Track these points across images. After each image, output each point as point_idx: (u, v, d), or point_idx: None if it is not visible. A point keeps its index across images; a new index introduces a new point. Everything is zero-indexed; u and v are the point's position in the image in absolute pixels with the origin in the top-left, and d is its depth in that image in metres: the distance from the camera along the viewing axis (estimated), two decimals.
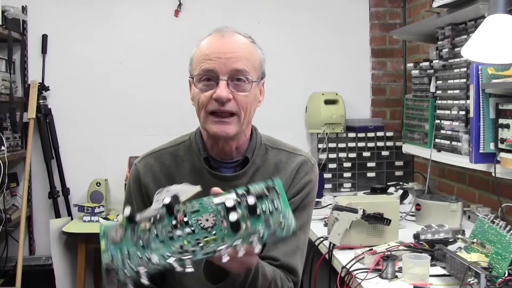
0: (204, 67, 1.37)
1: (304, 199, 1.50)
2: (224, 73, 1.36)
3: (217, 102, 1.36)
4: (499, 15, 1.92)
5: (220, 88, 1.35)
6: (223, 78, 1.35)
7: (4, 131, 3.13)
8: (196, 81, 1.39)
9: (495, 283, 1.61)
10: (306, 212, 1.52)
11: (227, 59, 1.36)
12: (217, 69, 1.36)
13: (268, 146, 1.52)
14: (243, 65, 1.37)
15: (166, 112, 3.57)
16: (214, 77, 1.36)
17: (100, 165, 3.53)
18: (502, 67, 2.09)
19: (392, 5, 3.76)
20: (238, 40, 1.40)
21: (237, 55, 1.37)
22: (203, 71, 1.37)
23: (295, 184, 1.49)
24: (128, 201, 1.51)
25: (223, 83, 1.35)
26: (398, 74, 3.78)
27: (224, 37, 1.39)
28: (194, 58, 1.42)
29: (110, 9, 3.56)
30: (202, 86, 1.38)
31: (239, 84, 1.37)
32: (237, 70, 1.36)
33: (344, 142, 3.49)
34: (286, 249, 1.45)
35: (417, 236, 2.03)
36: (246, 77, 1.38)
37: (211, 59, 1.36)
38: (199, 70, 1.38)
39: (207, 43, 1.40)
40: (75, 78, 3.53)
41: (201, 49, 1.40)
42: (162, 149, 1.53)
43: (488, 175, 2.34)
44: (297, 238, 1.49)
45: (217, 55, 1.36)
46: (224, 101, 1.35)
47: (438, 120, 2.64)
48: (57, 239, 3.27)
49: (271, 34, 3.55)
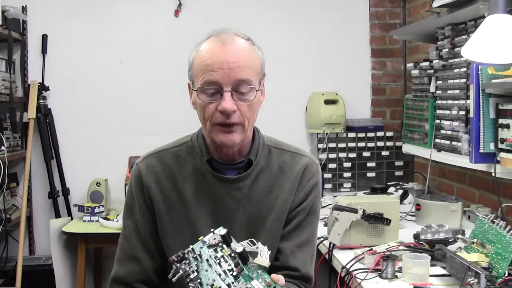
0: (207, 78, 1.34)
1: (313, 204, 1.51)
2: (228, 84, 1.34)
3: (222, 114, 1.34)
4: (499, 15, 1.92)
5: (225, 100, 1.33)
6: (227, 89, 1.34)
7: (4, 131, 3.13)
8: (199, 92, 1.37)
9: (495, 283, 1.61)
10: (316, 216, 1.53)
11: (230, 70, 1.33)
12: (221, 81, 1.34)
13: (271, 146, 1.52)
14: (246, 74, 1.35)
15: (166, 112, 3.57)
16: (217, 89, 1.35)
17: (100, 165, 3.53)
18: (502, 67, 2.09)
19: (392, 5, 3.76)
20: (239, 47, 1.38)
21: (240, 64, 1.35)
22: (206, 83, 1.35)
23: (302, 188, 1.49)
24: (130, 200, 1.50)
25: (228, 94, 1.34)
26: (398, 74, 3.78)
27: (225, 45, 1.36)
28: (195, 65, 1.39)
29: (110, 9, 3.56)
30: (205, 98, 1.36)
31: (243, 94, 1.36)
32: (241, 80, 1.35)
33: (344, 142, 3.49)
34: (304, 259, 1.47)
35: (417, 236, 2.03)
36: (250, 87, 1.36)
37: (214, 70, 1.34)
38: (202, 82, 1.35)
39: (208, 51, 1.37)
40: (75, 78, 3.53)
41: (201, 57, 1.37)
42: (164, 149, 1.52)
43: (488, 175, 2.34)
44: (312, 246, 1.52)
45: (219, 65, 1.33)
46: (230, 113, 1.34)
47: (438, 120, 2.64)
48: (57, 239, 3.27)
49: (271, 34, 3.55)
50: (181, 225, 1.45)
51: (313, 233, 1.52)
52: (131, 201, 1.50)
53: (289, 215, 1.48)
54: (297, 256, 1.45)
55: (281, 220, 1.47)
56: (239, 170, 1.47)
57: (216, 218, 1.45)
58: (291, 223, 1.48)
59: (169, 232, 1.46)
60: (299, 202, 1.48)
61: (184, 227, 1.45)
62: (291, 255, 1.45)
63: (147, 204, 1.47)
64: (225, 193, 1.45)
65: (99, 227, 3.13)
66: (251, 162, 1.47)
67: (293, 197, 1.48)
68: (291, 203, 1.48)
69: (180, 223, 1.45)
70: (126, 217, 1.52)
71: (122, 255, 1.49)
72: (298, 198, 1.48)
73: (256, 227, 1.45)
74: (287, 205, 1.47)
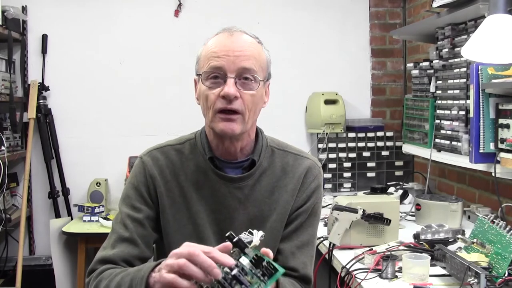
0: (212, 64, 1.37)
1: (315, 205, 1.51)
2: (232, 71, 1.36)
3: (224, 99, 1.36)
4: (499, 15, 1.92)
5: (228, 85, 1.35)
6: (231, 76, 1.35)
7: (4, 131, 3.13)
8: (204, 78, 1.39)
9: (495, 283, 1.61)
10: (317, 218, 1.54)
11: (236, 57, 1.36)
12: (225, 67, 1.35)
13: (274, 148, 1.52)
14: (251, 64, 1.37)
15: (166, 112, 3.57)
16: (222, 75, 1.36)
17: (100, 165, 3.53)
18: (502, 67, 2.09)
19: (392, 5, 3.76)
20: (247, 40, 1.41)
21: (246, 54, 1.37)
22: (211, 68, 1.37)
23: (305, 189, 1.49)
24: (130, 190, 1.47)
25: (231, 80, 1.35)
26: (398, 74, 3.78)
27: (233, 36, 1.39)
28: (202, 55, 1.42)
29: (110, 9, 3.56)
30: (209, 84, 1.38)
31: (246, 83, 1.37)
32: (245, 69, 1.36)
33: (344, 142, 3.49)
34: (304, 260, 1.47)
35: (417, 236, 2.03)
36: (254, 76, 1.38)
37: (219, 57, 1.36)
38: (207, 67, 1.37)
39: (216, 41, 1.40)
40: (75, 78, 3.53)
41: (209, 47, 1.40)
42: (168, 145, 1.52)
43: (488, 175, 2.34)
44: (312, 247, 1.52)
45: (225, 52, 1.36)
46: (232, 99, 1.35)
47: (438, 120, 2.64)
48: (57, 239, 3.27)
49: (271, 34, 3.55)
50: (183, 221, 1.45)
51: (314, 234, 1.52)
52: (130, 190, 1.47)
53: (291, 216, 1.48)
54: (297, 257, 1.46)
55: (282, 221, 1.47)
56: (241, 170, 1.47)
57: (216, 216, 1.45)
58: (292, 224, 1.48)
59: (172, 227, 1.45)
60: (301, 203, 1.49)
61: (186, 224, 1.45)
62: (291, 256, 1.45)
63: (150, 194, 1.45)
64: (226, 191, 1.45)
65: (99, 227, 3.14)
66: (254, 163, 1.47)
67: (295, 199, 1.48)
68: (293, 204, 1.48)
69: (182, 219, 1.45)
70: (123, 203, 1.47)
71: (114, 239, 1.42)
72: (300, 200, 1.48)
73: (257, 227, 1.44)
74: (289, 206, 1.48)
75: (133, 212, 1.44)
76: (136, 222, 1.43)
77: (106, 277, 1.32)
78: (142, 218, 1.44)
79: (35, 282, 3.33)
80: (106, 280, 1.31)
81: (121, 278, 1.26)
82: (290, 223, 1.48)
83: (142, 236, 1.42)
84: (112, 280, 1.29)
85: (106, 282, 1.30)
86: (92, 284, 1.35)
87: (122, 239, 1.41)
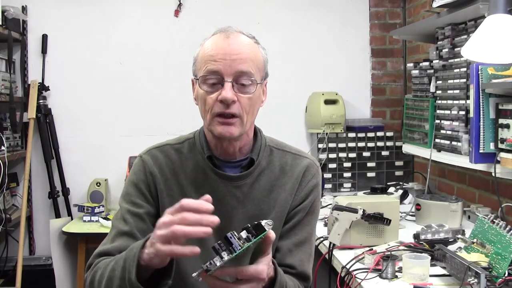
0: (209, 68, 1.36)
1: (312, 203, 1.51)
2: (229, 75, 1.35)
3: (222, 104, 1.36)
4: (499, 15, 1.92)
5: (225, 89, 1.35)
6: (228, 79, 1.35)
7: (4, 131, 3.13)
8: (201, 82, 1.39)
9: (495, 283, 1.61)
10: (315, 216, 1.54)
11: (232, 61, 1.35)
12: (222, 71, 1.35)
13: (273, 147, 1.53)
14: (248, 67, 1.37)
15: (166, 112, 3.57)
16: (219, 79, 1.36)
17: (100, 165, 3.53)
18: (502, 67, 2.09)
19: (392, 5, 3.76)
20: (243, 41, 1.40)
21: (242, 57, 1.37)
22: (208, 72, 1.37)
23: (303, 188, 1.50)
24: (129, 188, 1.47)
25: (228, 84, 1.35)
26: (398, 74, 3.78)
27: (229, 38, 1.39)
28: (199, 58, 1.42)
29: (110, 9, 3.56)
30: (207, 88, 1.37)
31: (244, 86, 1.37)
32: (242, 72, 1.36)
33: (344, 142, 3.49)
34: (302, 257, 1.47)
35: (417, 236, 2.03)
36: (251, 79, 1.38)
37: (216, 60, 1.36)
38: (204, 71, 1.37)
39: (212, 44, 1.39)
40: (75, 78, 3.54)
41: (205, 50, 1.40)
42: (167, 144, 1.53)
43: (488, 175, 2.34)
44: (310, 245, 1.51)
45: (222, 56, 1.36)
46: (229, 103, 1.35)
47: (438, 120, 2.64)
48: (57, 239, 3.27)
49: (271, 34, 3.55)
50: None
51: (312, 232, 1.52)
52: (130, 188, 1.47)
53: (289, 214, 1.49)
54: (294, 254, 1.46)
55: (281, 220, 1.48)
56: (240, 169, 1.48)
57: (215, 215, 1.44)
58: (290, 222, 1.49)
59: None
60: (299, 201, 1.49)
61: None
62: (288, 253, 1.46)
63: (151, 191, 1.45)
64: (225, 190, 1.45)
65: (99, 227, 3.14)
66: (252, 162, 1.47)
67: (294, 197, 1.49)
68: (291, 203, 1.48)
69: None
70: (123, 200, 1.47)
71: (113, 234, 1.43)
72: (299, 198, 1.49)
73: None
74: (288, 205, 1.48)
75: (134, 208, 1.44)
76: (136, 217, 1.43)
77: (102, 266, 1.33)
78: (142, 213, 1.44)
79: (35, 282, 3.33)
80: (101, 269, 1.32)
81: (115, 262, 1.27)
82: (288, 221, 1.49)
83: (142, 231, 1.42)
84: (107, 267, 1.30)
85: (101, 270, 1.31)
86: (89, 276, 1.36)
87: (121, 233, 1.42)
